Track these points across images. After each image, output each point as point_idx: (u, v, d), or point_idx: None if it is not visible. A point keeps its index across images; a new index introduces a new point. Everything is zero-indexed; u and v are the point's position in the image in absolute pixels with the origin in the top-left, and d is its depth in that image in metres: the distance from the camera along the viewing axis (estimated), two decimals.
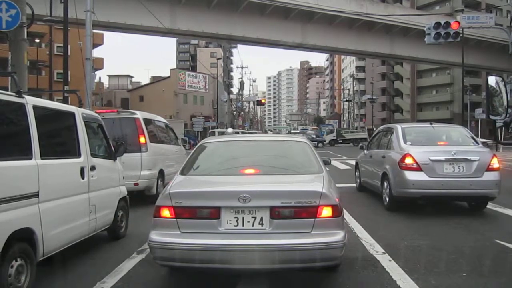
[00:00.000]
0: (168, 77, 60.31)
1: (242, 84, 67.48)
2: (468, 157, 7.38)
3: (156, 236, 3.71)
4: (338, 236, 3.65)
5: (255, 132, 41.93)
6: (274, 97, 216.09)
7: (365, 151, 10.36)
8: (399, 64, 72.95)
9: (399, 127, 8.68)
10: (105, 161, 5.75)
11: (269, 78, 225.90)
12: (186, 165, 4.60)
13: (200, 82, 62.40)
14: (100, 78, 60.08)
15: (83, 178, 4.91)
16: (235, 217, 3.68)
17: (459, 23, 20.33)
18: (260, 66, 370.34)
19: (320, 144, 42.45)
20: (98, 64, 41.34)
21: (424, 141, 8.25)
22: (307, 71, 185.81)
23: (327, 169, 4.61)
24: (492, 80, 3.55)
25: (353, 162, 12.51)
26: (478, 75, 60.17)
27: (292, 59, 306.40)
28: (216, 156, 4.98)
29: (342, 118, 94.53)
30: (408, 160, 7.48)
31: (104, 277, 4.29)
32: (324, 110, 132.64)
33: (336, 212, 3.70)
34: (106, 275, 4.36)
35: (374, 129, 33.52)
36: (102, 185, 5.45)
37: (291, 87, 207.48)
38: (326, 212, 3.66)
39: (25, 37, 8.77)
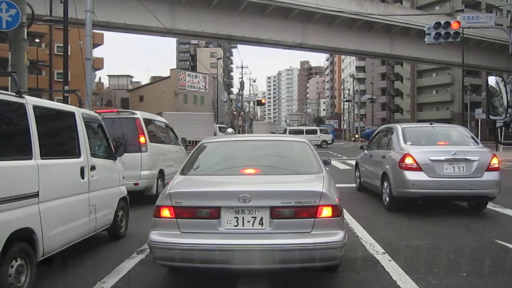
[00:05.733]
0: (168, 77, 60.26)
1: (242, 84, 67.40)
2: (468, 157, 7.38)
3: (156, 236, 3.71)
4: (338, 236, 3.65)
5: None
6: (274, 97, 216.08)
7: (365, 151, 10.37)
8: (399, 64, 72.96)
9: (399, 127, 8.68)
10: (105, 161, 5.75)
11: (269, 78, 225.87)
12: (186, 165, 4.61)
13: (200, 82, 62.34)
14: (100, 78, 60.22)
15: (83, 178, 4.91)
16: (235, 217, 3.67)
17: (459, 23, 20.30)
18: (260, 66, 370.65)
19: None
20: (98, 64, 41.37)
21: (424, 141, 8.24)
22: (307, 71, 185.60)
23: (327, 169, 4.62)
24: (492, 80, 3.54)
25: (353, 162, 12.51)
26: (478, 75, 60.20)
27: (292, 59, 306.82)
28: (216, 156, 4.98)
29: (342, 118, 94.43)
30: (408, 160, 7.49)
31: (104, 277, 4.29)
32: (324, 110, 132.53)
33: (336, 212, 3.70)
34: (106, 275, 4.36)
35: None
36: (102, 185, 5.45)
37: (291, 87, 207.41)
38: (326, 212, 3.66)
39: (25, 37, 8.77)
